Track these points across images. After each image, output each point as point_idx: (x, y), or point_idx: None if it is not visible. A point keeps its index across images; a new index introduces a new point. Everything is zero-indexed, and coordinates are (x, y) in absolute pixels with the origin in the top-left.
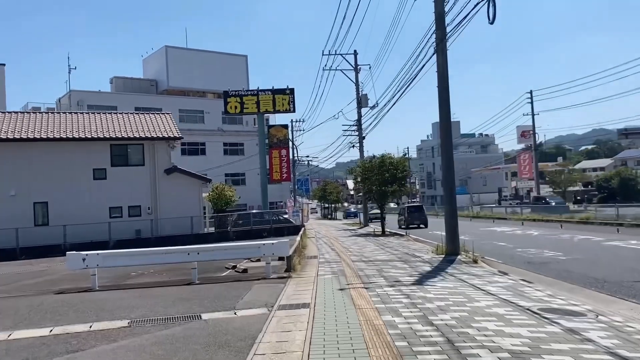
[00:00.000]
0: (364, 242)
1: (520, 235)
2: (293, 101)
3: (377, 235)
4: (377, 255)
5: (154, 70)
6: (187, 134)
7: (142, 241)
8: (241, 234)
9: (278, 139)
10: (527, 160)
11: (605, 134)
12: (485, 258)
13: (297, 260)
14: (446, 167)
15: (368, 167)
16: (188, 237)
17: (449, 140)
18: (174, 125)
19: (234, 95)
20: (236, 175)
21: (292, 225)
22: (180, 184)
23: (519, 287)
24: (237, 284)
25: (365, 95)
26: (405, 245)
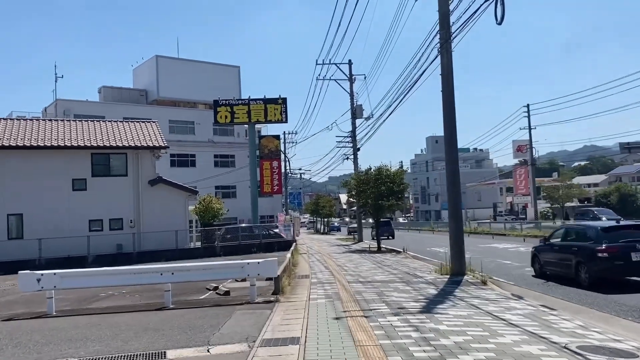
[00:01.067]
0: (359, 260)
1: (524, 253)
2: (285, 111)
3: (373, 251)
4: (375, 275)
5: (144, 80)
6: (177, 145)
7: (123, 256)
8: (229, 249)
9: (269, 150)
10: (523, 175)
11: (596, 150)
12: (494, 279)
13: (287, 280)
14: (451, 178)
15: (363, 180)
16: (172, 252)
17: (454, 150)
18: (160, 134)
19: (225, 105)
20: (227, 187)
21: (283, 240)
22: (165, 196)
23: (542, 316)
24: (217, 309)
25: (360, 106)
26: (403, 263)
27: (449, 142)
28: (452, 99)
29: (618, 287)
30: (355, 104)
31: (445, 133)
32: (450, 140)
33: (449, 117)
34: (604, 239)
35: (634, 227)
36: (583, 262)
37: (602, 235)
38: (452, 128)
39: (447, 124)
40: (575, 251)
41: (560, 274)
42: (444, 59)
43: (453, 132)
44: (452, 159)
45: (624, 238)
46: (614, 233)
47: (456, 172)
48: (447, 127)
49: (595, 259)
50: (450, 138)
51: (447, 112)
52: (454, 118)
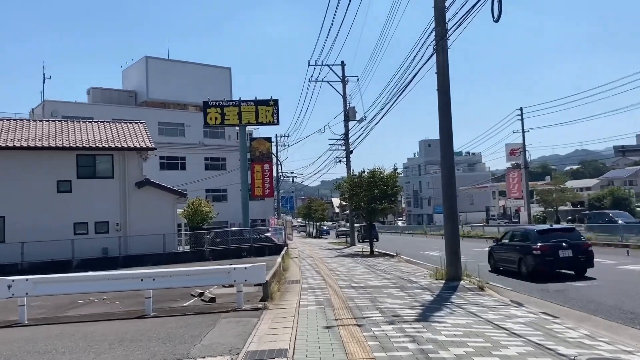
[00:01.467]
0: (351, 264)
1: None
2: (277, 113)
3: (366, 255)
4: (368, 280)
5: (134, 81)
6: (167, 148)
7: (109, 260)
8: (218, 253)
9: (261, 152)
10: (516, 178)
11: (587, 154)
12: (491, 284)
13: (276, 286)
14: (447, 180)
15: (356, 183)
16: (160, 257)
17: (450, 150)
18: (147, 135)
19: (215, 106)
20: (217, 191)
21: (274, 244)
22: (152, 199)
23: (545, 324)
24: (200, 318)
25: (352, 108)
26: (397, 267)
27: (445, 142)
28: (448, 98)
29: (548, 278)
30: (348, 106)
31: (441, 133)
32: (447, 140)
33: (445, 116)
34: (539, 239)
35: (563, 230)
36: (523, 258)
37: (537, 236)
38: (448, 128)
39: (443, 123)
40: (517, 249)
41: (508, 268)
42: (439, 57)
43: (449, 132)
44: (448, 160)
45: (554, 239)
46: (547, 235)
47: (452, 172)
48: (443, 127)
49: (531, 255)
50: (447, 138)
51: (442, 111)
52: (449, 117)
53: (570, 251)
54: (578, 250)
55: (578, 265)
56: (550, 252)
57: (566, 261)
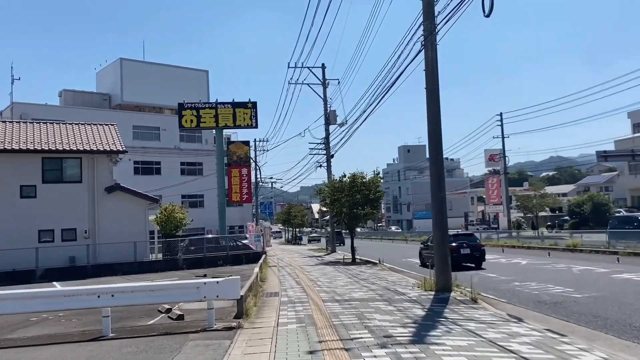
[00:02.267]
0: (333, 273)
1: (507, 265)
2: (255, 116)
3: (347, 263)
4: (352, 292)
5: (108, 84)
6: (141, 152)
7: (76, 270)
8: (193, 261)
9: (238, 156)
10: (495, 184)
11: (562, 160)
12: (483, 295)
13: (253, 300)
14: (436, 182)
15: (338, 188)
16: (130, 265)
17: (439, 154)
18: (118, 137)
19: (190, 108)
20: (194, 196)
21: (251, 252)
22: (123, 205)
23: (555, 345)
24: (165, 340)
25: (333, 112)
26: (381, 276)
27: (434, 143)
28: (437, 97)
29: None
30: (328, 109)
31: (430, 134)
32: (436, 141)
33: (434, 116)
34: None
35: (466, 234)
36: None
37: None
38: (437, 129)
39: (432, 124)
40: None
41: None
42: (428, 53)
43: (438, 134)
44: (437, 162)
45: (459, 241)
46: (455, 238)
47: (441, 175)
48: (431, 127)
49: None
50: (436, 140)
51: (431, 111)
52: (439, 118)
53: (469, 250)
54: (474, 249)
55: (475, 260)
56: (456, 250)
57: (466, 256)
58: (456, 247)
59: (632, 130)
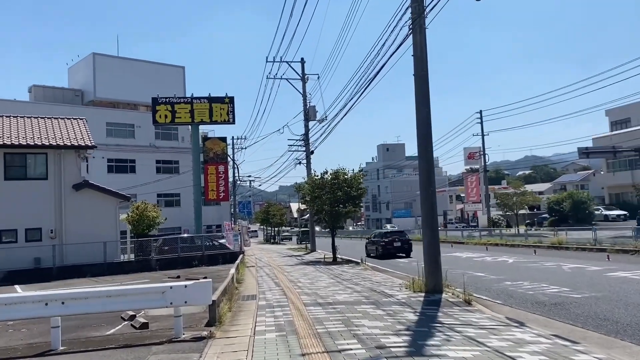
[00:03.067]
0: (314, 273)
1: (493, 263)
2: (233, 111)
3: (328, 262)
4: (336, 294)
5: (80, 79)
6: (115, 150)
7: (41, 272)
8: (166, 262)
9: (215, 153)
10: (475, 182)
11: (536, 160)
12: (476, 296)
13: (227, 305)
14: (425, 176)
15: (318, 184)
16: (100, 267)
17: (428, 146)
18: (87, 132)
19: (165, 103)
20: (170, 195)
21: (228, 251)
22: (92, 203)
23: (569, 354)
24: (124, 353)
25: (313, 107)
26: (364, 276)
27: (423, 135)
28: (426, 85)
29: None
30: (308, 105)
31: (419, 125)
32: (425, 133)
33: (423, 105)
34: (385, 236)
35: (398, 232)
36: (379, 247)
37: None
38: (426, 119)
39: (421, 114)
40: (376, 242)
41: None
42: (416, 37)
43: (428, 125)
44: (426, 155)
45: (392, 236)
46: (390, 234)
47: (431, 170)
48: (421, 119)
49: (382, 245)
50: (425, 131)
51: (420, 100)
52: (428, 106)
53: (400, 243)
54: (404, 242)
55: (404, 251)
56: (390, 244)
57: (397, 248)
58: (390, 242)
59: (610, 128)
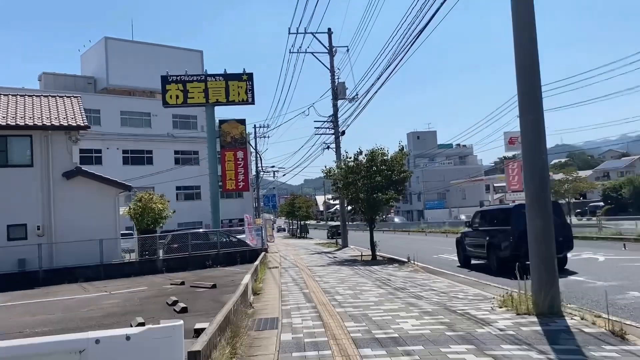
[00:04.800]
0: (354, 278)
1: (581, 262)
2: (252, 89)
3: (367, 261)
4: (398, 318)
5: (93, 66)
6: (131, 140)
7: (25, 276)
8: (175, 262)
9: (233, 137)
10: (517, 169)
11: (569, 148)
12: (617, 321)
13: (228, 348)
14: (532, 137)
15: (353, 168)
16: (96, 270)
17: (536, 89)
18: (80, 110)
19: (175, 82)
20: (189, 188)
21: (248, 249)
22: (86, 194)
23: None
24: None
25: (342, 84)
26: (422, 283)
27: (529, 68)
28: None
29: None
30: (337, 81)
31: (519, 56)
32: (531, 65)
33: (528, 56)
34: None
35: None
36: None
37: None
38: (531, 42)
39: (522, 35)
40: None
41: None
42: None
43: (533, 53)
44: (534, 116)
45: None
46: None
47: (541, 129)
48: (521, 41)
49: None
50: (531, 63)
51: (522, 35)
52: (533, 25)
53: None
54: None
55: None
56: None
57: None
58: None
59: None
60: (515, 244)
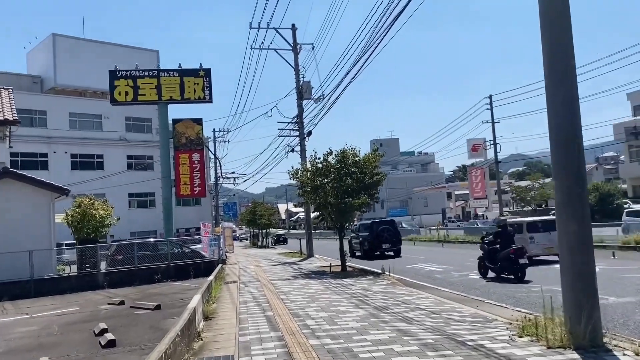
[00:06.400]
0: (326, 295)
1: None
2: (209, 87)
3: (337, 273)
4: (394, 356)
5: (40, 64)
6: (80, 144)
7: None
8: (119, 276)
9: (188, 138)
10: (480, 177)
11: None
12: None
13: None
14: (565, 120)
15: (321, 170)
16: (24, 286)
17: (569, 57)
18: (11, 104)
19: (125, 77)
20: (143, 195)
21: (203, 261)
22: (15, 198)
23: None
24: None
25: (307, 83)
26: (405, 299)
27: (557, 20)
28: None
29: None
30: (301, 80)
31: (549, 52)
32: (564, 41)
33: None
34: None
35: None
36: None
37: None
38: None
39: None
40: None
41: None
42: None
43: (569, 46)
44: (567, 77)
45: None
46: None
47: (575, 108)
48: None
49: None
50: (562, 9)
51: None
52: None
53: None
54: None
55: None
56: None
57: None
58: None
59: (632, 113)
60: (370, 243)
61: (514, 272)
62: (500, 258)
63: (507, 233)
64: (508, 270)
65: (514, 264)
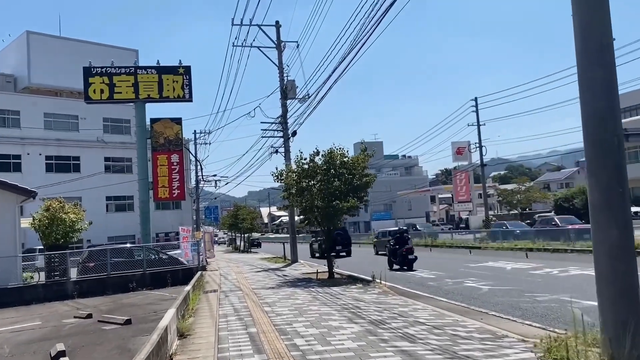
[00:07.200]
0: (315, 307)
1: (586, 281)
2: (189, 85)
3: (323, 280)
4: None
5: (13, 63)
6: (55, 145)
7: None
8: (90, 285)
9: (167, 138)
10: (464, 180)
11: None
12: None
13: None
14: (606, 108)
15: (309, 171)
16: None
17: (607, 31)
18: None
19: (100, 74)
20: (121, 198)
21: (181, 267)
22: None
23: None
24: None
25: (292, 82)
26: (401, 311)
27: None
28: None
29: None
30: (285, 79)
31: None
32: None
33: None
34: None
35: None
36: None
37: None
38: None
39: None
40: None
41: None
42: None
43: None
44: (605, 54)
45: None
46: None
47: (614, 92)
48: None
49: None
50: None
51: None
52: None
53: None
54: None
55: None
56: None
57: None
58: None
59: None
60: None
61: (407, 264)
62: (398, 255)
63: (404, 238)
64: (402, 263)
65: (405, 258)
